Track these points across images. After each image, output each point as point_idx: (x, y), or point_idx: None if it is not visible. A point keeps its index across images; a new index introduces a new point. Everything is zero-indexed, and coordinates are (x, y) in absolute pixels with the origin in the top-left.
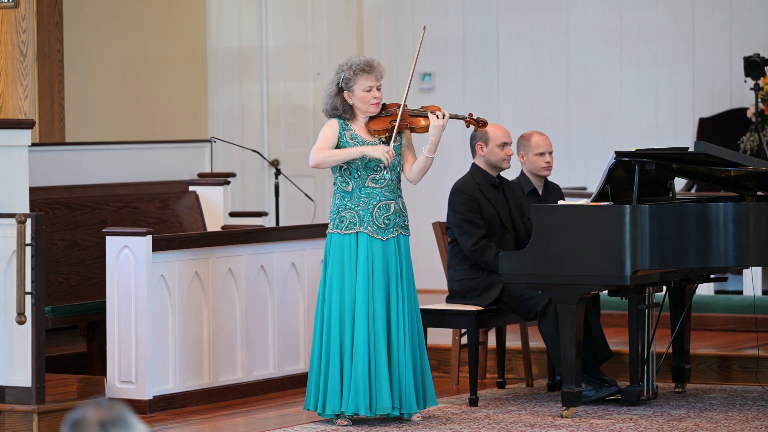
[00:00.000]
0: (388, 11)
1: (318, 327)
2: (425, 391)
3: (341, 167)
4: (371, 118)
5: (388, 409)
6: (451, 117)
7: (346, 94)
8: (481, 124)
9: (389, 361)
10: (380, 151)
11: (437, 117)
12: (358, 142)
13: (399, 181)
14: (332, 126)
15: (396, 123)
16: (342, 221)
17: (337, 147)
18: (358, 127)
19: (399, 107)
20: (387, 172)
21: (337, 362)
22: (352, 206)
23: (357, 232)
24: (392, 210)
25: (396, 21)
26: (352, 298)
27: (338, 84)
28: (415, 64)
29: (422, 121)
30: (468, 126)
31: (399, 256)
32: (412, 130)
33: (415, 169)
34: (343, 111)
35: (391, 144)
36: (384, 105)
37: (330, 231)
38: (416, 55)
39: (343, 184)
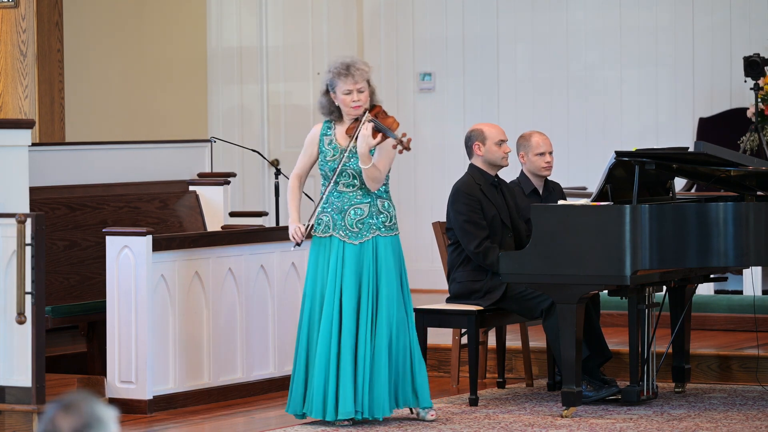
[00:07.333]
0: (388, 11)
1: (299, 329)
2: (416, 391)
3: (320, 171)
4: (355, 120)
5: (350, 414)
6: (377, 129)
7: (331, 95)
8: (405, 148)
9: (355, 366)
10: (290, 229)
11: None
12: (332, 148)
13: None
14: (311, 137)
15: (357, 131)
16: (320, 224)
17: (319, 152)
18: (341, 131)
19: (365, 114)
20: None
21: (303, 365)
22: (328, 209)
23: (330, 236)
24: (366, 213)
25: (396, 21)
26: (322, 302)
27: (326, 84)
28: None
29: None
30: (394, 147)
31: (376, 258)
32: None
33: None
34: (330, 111)
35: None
36: (371, 108)
37: (312, 233)
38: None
39: (324, 187)
